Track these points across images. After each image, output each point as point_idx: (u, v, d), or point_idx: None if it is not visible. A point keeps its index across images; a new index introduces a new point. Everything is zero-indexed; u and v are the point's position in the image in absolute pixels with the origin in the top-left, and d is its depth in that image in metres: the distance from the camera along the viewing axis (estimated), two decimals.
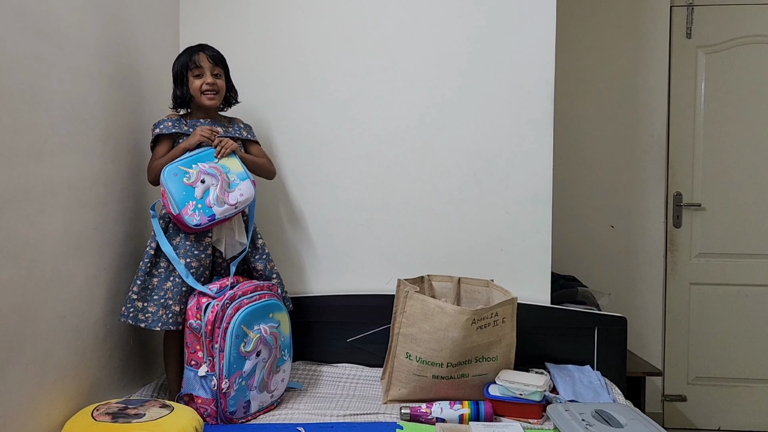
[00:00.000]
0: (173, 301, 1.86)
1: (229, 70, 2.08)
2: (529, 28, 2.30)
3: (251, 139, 2.13)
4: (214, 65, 1.99)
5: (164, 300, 1.86)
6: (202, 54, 1.98)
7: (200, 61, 1.97)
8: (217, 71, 2.01)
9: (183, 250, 1.89)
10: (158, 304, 1.86)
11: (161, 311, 1.85)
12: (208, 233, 1.93)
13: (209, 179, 1.86)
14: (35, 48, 1.49)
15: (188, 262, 1.88)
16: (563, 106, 3.11)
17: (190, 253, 1.89)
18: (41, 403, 1.52)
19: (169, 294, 1.87)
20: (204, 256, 1.92)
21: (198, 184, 1.84)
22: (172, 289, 1.87)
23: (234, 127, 2.09)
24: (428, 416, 1.79)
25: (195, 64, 1.96)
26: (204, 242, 1.92)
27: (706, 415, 3.18)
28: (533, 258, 2.32)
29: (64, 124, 1.61)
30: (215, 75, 1.99)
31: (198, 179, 1.84)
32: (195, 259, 1.90)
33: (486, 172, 2.33)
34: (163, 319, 1.85)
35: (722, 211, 3.15)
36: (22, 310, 1.43)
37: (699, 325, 3.18)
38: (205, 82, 1.97)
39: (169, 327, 1.85)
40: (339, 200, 2.37)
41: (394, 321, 2.03)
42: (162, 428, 1.47)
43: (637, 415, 1.57)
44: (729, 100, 3.13)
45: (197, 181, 1.84)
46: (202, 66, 1.97)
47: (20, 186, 1.43)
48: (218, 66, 2.01)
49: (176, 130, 1.94)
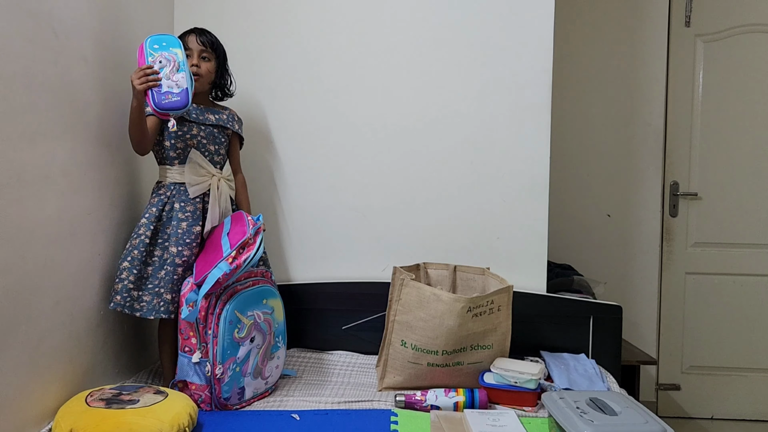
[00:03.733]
0: (165, 289, 1.85)
1: (225, 58, 2.06)
2: (527, 16, 2.28)
3: (239, 134, 2.12)
4: (203, 48, 1.97)
5: (157, 288, 1.86)
6: (192, 36, 1.97)
7: (189, 42, 1.95)
8: (206, 54, 1.99)
9: (175, 238, 1.88)
10: (153, 293, 1.86)
11: (155, 300, 1.85)
12: (198, 222, 1.92)
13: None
14: (28, 30, 1.47)
15: (180, 250, 1.88)
16: (560, 95, 3.10)
17: (181, 241, 1.88)
18: (35, 389, 1.51)
19: (161, 282, 1.86)
20: (195, 245, 1.91)
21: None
22: (164, 278, 1.86)
23: (228, 115, 2.08)
24: (423, 404, 1.79)
25: (185, 45, 1.93)
26: (195, 230, 1.91)
27: (700, 403, 3.20)
28: (529, 246, 2.32)
29: (59, 108, 1.60)
30: (202, 57, 1.98)
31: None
32: (187, 248, 1.89)
33: (482, 160, 2.32)
34: (157, 308, 1.85)
35: (719, 201, 3.15)
36: (15, 295, 1.43)
37: (694, 314, 3.19)
38: (191, 63, 1.95)
39: (161, 315, 1.85)
40: (334, 187, 2.36)
41: (389, 308, 2.03)
42: (156, 414, 1.47)
43: (631, 403, 1.58)
44: (727, 89, 3.12)
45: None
46: (190, 48, 1.95)
47: (14, 170, 1.41)
48: (208, 50, 1.99)
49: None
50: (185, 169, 1.93)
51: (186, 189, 1.93)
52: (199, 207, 1.94)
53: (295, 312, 2.28)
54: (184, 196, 1.93)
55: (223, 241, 1.85)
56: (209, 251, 1.87)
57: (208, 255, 1.85)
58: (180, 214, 1.90)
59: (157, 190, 1.95)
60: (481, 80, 2.31)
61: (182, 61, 1.79)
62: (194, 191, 1.92)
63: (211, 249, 1.87)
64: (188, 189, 1.92)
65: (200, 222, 1.93)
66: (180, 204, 1.91)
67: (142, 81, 1.72)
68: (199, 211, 1.94)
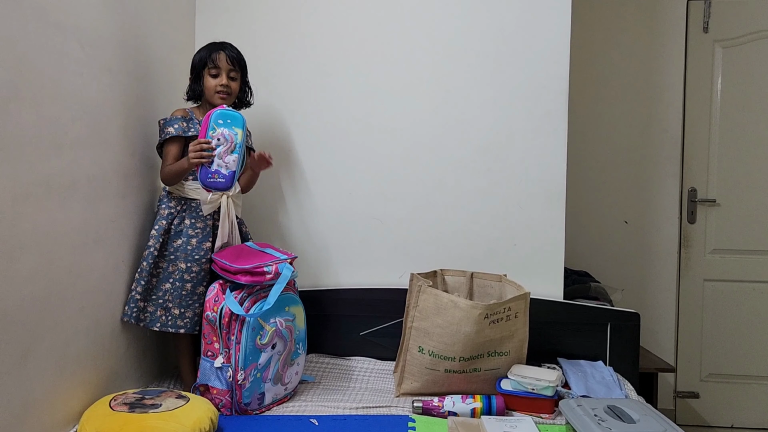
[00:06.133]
0: (173, 304, 1.89)
1: (247, 71, 2.09)
2: (544, 22, 2.29)
3: (251, 147, 2.15)
4: (231, 67, 2.00)
5: (163, 302, 1.89)
6: (222, 54, 1.99)
7: (218, 61, 1.98)
8: (234, 74, 2.02)
9: (184, 254, 1.91)
10: (156, 304, 1.89)
11: (159, 311, 1.89)
12: (208, 238, 1.95)
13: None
14: (55, 42, 1.50)
15: (189, 266, 1.90)
16: (577, 101, 3.10)
17: (191, 257, 1.91)
18: (61, 393, 1.55)
19: (168, 296, 1.89)
20: (204, 261, 1.93)
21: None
22: (171, 292, 1.89)
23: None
24: (440, 410, 1.80)
25: (213, 63, 1.97)
26: (205, 246, 1.94)
27: (718, 412, 3.17)
28: (546, 253, 2.32)
29: (84, 118, 1.63)
30: (231, 77, 2.01)
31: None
32: (196, 264, 1.92)
33: (499, 167, 2.33)
34: (162, 320, 1.88)
35: (737, 207, 3.13)
36: (42, 301, 1.46)
37: (712, 321, 3.16)
38: (220, 83, 1.98)
39: (168, 329, 1.88)
40: (352, 194, 2.38)
41: (406, 315, 2.04)
42: (178, 419, 1.49)
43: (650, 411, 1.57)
44: (746, 95, 3.10)
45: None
46: (219, 66, 1.98)
47: (42, 179, 1.45)
48: (236, 68, 2.02)
49: (193, 133, 1.94)
50: (200, 185, 1.93)
51: (197, 205, 1.95)
52: (209, 223, 1.97)
53: (314, 318, 2.29)
54: (195, 212, 1.95)
55: (265, 250, 1.94)
56: (242, 255, 1.89)
57: (248, 257, 1.88)
58: (191, 231, 1.93)
59: (167, 202, 1.96)
60: (498, 87, 2.32)
61: (239, 143, 1.90)
62: (207, 209, 1.93)
63: (244, 254, 1.90)
64: (202, 207, 1.93)
65: (210, 238, 1.96)
66: (191, 220, 1.94)
67: (197, 156, 1.84)
68: (209, 228, 1.96)
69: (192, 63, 2.03)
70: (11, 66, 1.34)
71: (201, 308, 1.90)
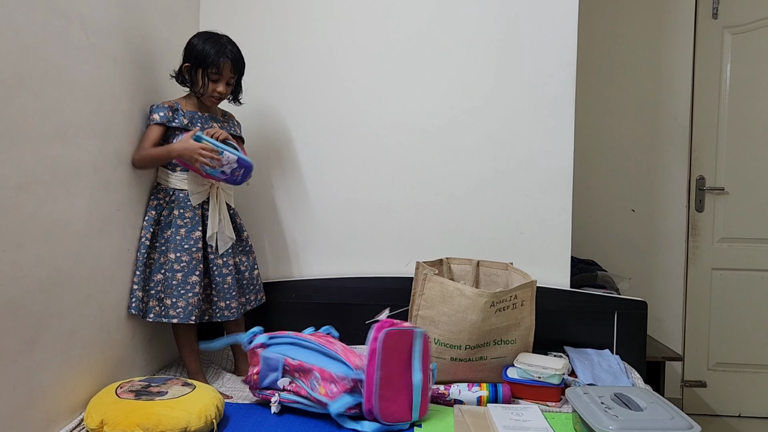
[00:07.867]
0: (165, 294, 1.89)
1: (244, 73, 2.05)
2: (551, 10, 2.27)
3: (241, 137, 2.16)
4: (232, 75, 1.97)
5: (156, 292, 1.90)
6: (229, 63, 1.93)
7: (223, 70, 1.93)
8: (232, 80, 1.99)
9: (173, 244, 1.91)
10: (150, 295, 1.91)
11: (152, 302, 1.90)
12: (198, 227, 1.94)
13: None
14: (59, 29, 1.50)
15: (178, 256, 1.90)
16: (585, 89, 3.08)
17: (180, 247, 1.91)
18: (67, 380, 1.55)
19: (160, 287, 1.90)
20: (195, 249, 1.92)
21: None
22: (163, 282, 1.90)
23: (230, 123, 2.10)
24: (446, 398, 1.80)
25: (217, 69, 1.92)
26: (194, 236, 1.93)
27: (726, 401, 3.17)
28: (553, 241, 2.31)
29: (89, 105, 1.63)
30: (228, 84, 1.98)
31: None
32: (186, 253, 1.91)
33: (506, 155, 2.32)
34: (156, 311, 1.89)
35: (746, 196, 3.11)
36: (48, 289, 1.46)
37: (720, 310, 3.15)
38: (216, 90, 1.95)
39: (162, 320, 1.89)
40: (358, 183, 2.37)
41: (412, 303, 2.04)
42: (184, 406, 1.50)
43: (657, 399, 1.57)
44: (755, 82, 3.07)
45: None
46: (222, 74, 1.94)
47: (46, 167, 1.45)
48: (236, 74, 2.00)
49: (176, 124, 1.92)
50: (188, 176, 1.93)
51: (185, 196, 1.94)
52: (198, 213, 1.95)
53: (318, 306, 2.30)
54: (183, 202, 1.94)
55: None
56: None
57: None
58: (179, 221, 1.93)
59: (156, 194, 1.96)
60: (505, 74, 2.30)
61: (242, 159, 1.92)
62: (196, 199, 1.93)
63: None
64: (190, 197, 1.93)
65: (199, 227, 1.95)
66: (179, 211, 1.93)
67: (204, 161, 1.84)
68: (198, 217, 1.95)
69: (193, 49, 1.93)
70: (16, 54, 1.33)
71: (194, 297, 1.90)
